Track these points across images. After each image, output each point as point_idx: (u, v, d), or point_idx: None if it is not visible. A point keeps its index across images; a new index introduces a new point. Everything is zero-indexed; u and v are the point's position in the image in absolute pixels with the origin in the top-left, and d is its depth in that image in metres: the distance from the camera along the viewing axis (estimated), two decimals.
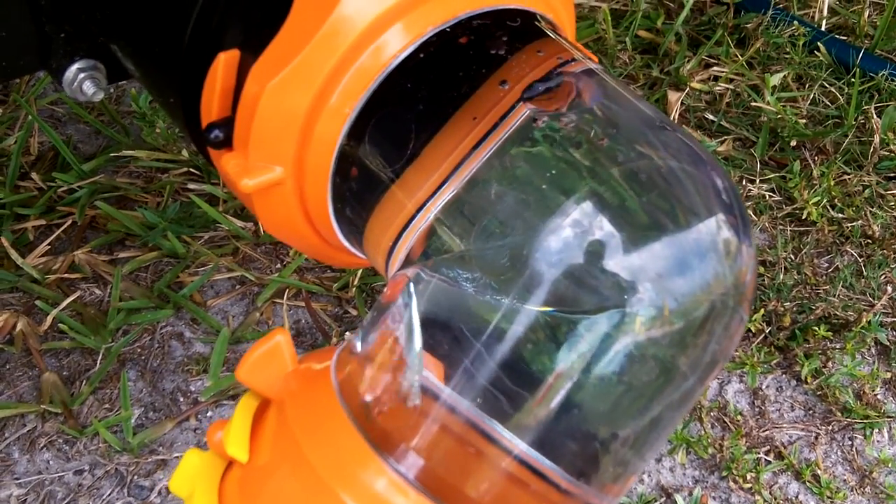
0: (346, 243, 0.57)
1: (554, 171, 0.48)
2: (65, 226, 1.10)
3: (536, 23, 0.55)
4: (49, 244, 1.08)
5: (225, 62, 0.53)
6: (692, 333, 0.48)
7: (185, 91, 0.56)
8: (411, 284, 0.49)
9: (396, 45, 0.51)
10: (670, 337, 0.47)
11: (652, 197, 0.47)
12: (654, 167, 0.48)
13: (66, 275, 1.06)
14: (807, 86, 1.37)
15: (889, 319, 1.15)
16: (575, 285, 0.46)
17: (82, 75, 0.64)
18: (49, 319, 1.01)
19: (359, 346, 0.51)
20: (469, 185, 0.49)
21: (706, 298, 0.48)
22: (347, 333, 1.05)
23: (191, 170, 1.15)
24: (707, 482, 1.01)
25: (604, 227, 0.46)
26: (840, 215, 1.23)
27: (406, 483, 0.47)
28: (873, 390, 1.09)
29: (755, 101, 1.32)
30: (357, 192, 0.53)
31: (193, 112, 0.55)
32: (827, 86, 1.37)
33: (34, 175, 1.12)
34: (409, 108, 0.52)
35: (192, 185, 1.13)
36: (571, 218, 0.46)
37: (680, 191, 0.48)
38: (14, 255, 1.05)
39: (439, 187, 0.49)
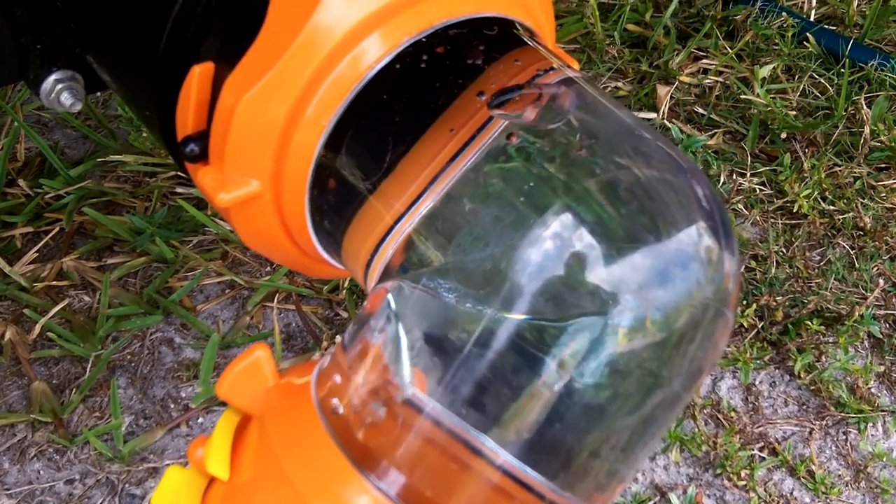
0: (326, 255, 0.56)
1: (532, 183, 0.47)
2: (52, 232, 1.09)
3: (515, 30, 0.54)
4: (37, 251, 1.07)
5: (199, 75, 0.52)
6: (675, 343, 0.47)
7: (161, 104, 0.55)
8: (391, 297, 0.49)
9: (373, 55, 0.51)
10: (653, 347, 0.47)
11: (631, 207, 0.47)
12: (632, 177, 0.48)
13: (54, 282, 1.05)
14: (796, 77, 1.37)
15: (882, 312, 1.15)
16: (556, 298, 0.46)
17: (60, 86, 0.64)
18: (38, 328, 1.01)
19: (340, 360, 0.51)
20: (446, 197, 0.48)
21: (689, 308, 0.47)
22: (338, 337, 1.04)
23: (178, 174, 1.14)
24: (701, 480, 1.00)
25: (584, 239, 0.46)
26: (831, 207, 1.22)
27: (389, 501, 0.47)
28: (867, 384, 1.08)
29: (745, 94, 1.32)
30: (335, 204, 0.53)
31: (169, 125, 0.55)
32: (816, 77, 1.36)
33: (21, 182, 1.11)
34: (386, 119, 0.51)
35: (180, 189, 1.13)
36: (551, 230, 0.46)
37: (659, 200, 0.47)
38: (1, 263, 1.04)
39: (417, 199, 0.49)
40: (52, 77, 0.64)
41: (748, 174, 1.25)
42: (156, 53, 0.54)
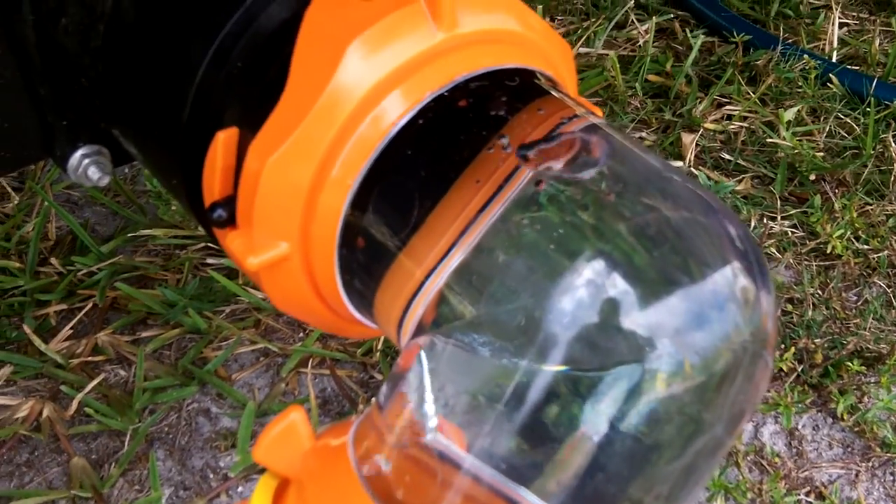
0: (357, 314, 0.56)
1: (562, 231, 0.47)
2: (86, 309, 1.10)
3: (536, 80, 0.54)
4: (71, 328, 1.08)
5: (224, 141, 0.52)
6: (716, 386, 0.47)
7: (187, 172, 0.55)
8: (424, 353, 0.48)
9: (395, 112, 0.51)
10: (694, 392, 0.46)
11: (664, 250, 0.46)
12: (664, 220, 0.47)
13: (89, 358, 1.06)
14: (822, 118, 1.36)
15: None
16: (592, 345, 0.45)
17: (87, 161, 0.64)
18: (75, 404, 1.01)
19: (376, 419, 0.50)
20: (477, 249, 0.48)
21: (728, 350, 0.46)
22: (374, 399, 1.04)
23: (209, 245, 1.15)
24: None
25: (617, 285, 0.45)
26: (865, 247, 1.21)
27: None
28: None
29: (771, 138, 1.31)
30: (365, 262, 0.53)
31: (196, 192, 0.55)
32: (842, 117, 1.36)
33: (53, 260, 1.12)
34: (412, 174, 0.51)
35: (210, 260, 1.13)
36: (584, 277, 0.45)
37: (692, 242, 0.47)
38: (37, 341, 1.04)
39: (446, 253, 0.49)
40: (79, 153, 0.64)
41: (779, 217, 1.24)
42: (180, 122, 0.55)
